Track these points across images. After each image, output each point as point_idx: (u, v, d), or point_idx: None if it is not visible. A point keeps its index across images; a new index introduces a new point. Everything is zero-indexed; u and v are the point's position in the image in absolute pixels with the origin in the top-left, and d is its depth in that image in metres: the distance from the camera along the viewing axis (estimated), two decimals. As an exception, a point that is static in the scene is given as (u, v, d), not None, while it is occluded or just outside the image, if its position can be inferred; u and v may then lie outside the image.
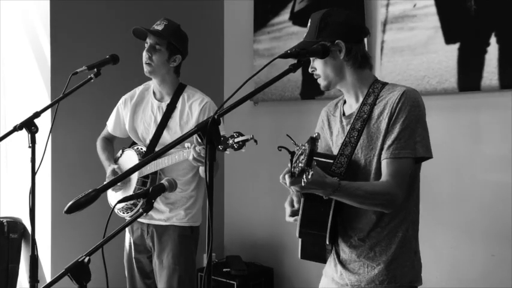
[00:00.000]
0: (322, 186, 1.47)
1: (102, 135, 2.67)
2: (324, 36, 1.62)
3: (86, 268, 1.28)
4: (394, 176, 1.54)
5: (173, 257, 2.40)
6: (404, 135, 1.56)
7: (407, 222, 1.64)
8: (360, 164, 1.63)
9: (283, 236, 3.61)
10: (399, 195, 1.55)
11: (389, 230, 1.63)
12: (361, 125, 1.63)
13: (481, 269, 2.73)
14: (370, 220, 1.63)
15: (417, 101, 1.59)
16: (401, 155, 1.55)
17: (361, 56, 1.66)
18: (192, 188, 2.46)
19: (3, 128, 3.45)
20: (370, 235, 1.64)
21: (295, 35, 3.46)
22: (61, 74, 2.96)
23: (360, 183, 1.58)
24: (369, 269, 1.64)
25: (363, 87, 1.68)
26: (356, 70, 1.67)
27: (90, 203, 1.19)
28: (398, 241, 1.63)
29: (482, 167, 2.73)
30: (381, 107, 1.62)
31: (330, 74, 1.67)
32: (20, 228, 3.22)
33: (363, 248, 1.65)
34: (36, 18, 3.20)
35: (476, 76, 2.67)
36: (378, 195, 1.54)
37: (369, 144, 1.62)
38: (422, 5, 2.86)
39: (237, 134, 1.85)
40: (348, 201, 1.55)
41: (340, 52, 1.63)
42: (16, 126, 1.98)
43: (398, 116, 1.57)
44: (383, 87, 1.66)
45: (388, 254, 1.63)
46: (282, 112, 3.65)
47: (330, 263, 1.76)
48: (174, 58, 2.40)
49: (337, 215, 1.62)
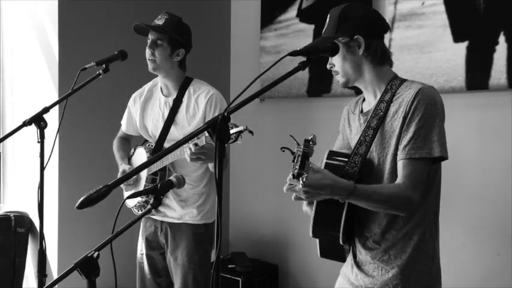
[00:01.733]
0: (331, 190, 1.43)
1: (118, 135, 2.68)
2: (343, 31, 1.58)
3: (95, 263, 1.29)
4: (410, 177, 1.49)
5: (188, 255, 2.39)
6: (420, 135, 1.50)
7: (423, 225, 1.59)
8: (374, 163, 1.59)
9: (289, 233, 3.62)
10: (415, 198, 1.50)
11: (405, 233, 1.58)
12: (376, 123, 1.59)
13: (487, 269, 2.73)
14: (381, 222, 1.59)
15: (434, 98, 1.53)
16: (417, 156, 1.50)
17: (380, 51, 1.61)
18: (203, 184, 2.44)
19: (11, 124, 3.46)
20: (384, 237, 1.59)
21: (303, 32, 3.45)
22: (69, 69, 2.98)
23: (376, 186, 1.53)
24: (383, 272, 1.60)
25: (381, 84, 1.63)
26: (375, 66, 1.62)
27: (101, 199, 1.20)
28: (414, 245, 1.57)
29: (490, 167, 2.72)
30: (396, 105, 1.57)
31: (348, 71, 1.62)
32: (27, 223, 3.24)
33: (378, 250, 1.61)
34: (45, 14, 3.21)
35: (484, 75, 2.66)
36: (394, 199, 1.50)
37: (382, 142, 1.58)
38: (431, 3, 2.85)
39: (232, 126, 1.82)
40: (363, 204, 1.51)
41: (359, 48, 1.59)
42: (25, 122, 1.99)
43: (414, 114, 1.51)
44: (401, 84, 1.60)
45: (403, 257, 1.58)
46: (288, 109, 3.65)
47: (348, 263, 1.73)
48: (177, 52, 2.38)
49: (353, 214, 1.58)
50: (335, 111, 2.03)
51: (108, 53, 2.28)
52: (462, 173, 2.81)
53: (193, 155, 2.08)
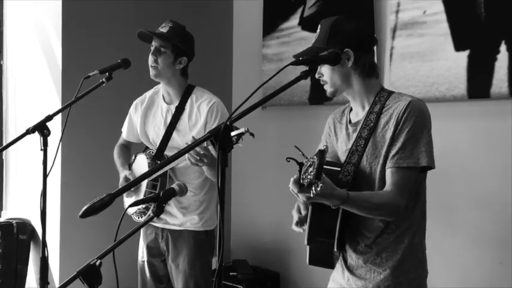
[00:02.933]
0: (330, 198, 1.49)
1: (118, 142, 2.69)
2: (334, 44, 1.63)
3: (98, 271, 1.29)
4: (397, 185, 1.58)
5: (189, 262, 2.40)
6: (409, 145, 1.58)
7: (413, 229, 1.67)
8: (366, 172, 1.66)
9: (290, 240, 3.61)
10: (402, 204, 1.59)
11: (396, 236, 1.65)
12: (367, 133, 1.66)
13: (489, 277, 2.72)
14: (377, 227, 1.66)
15: (422, 111, 1.62)
16: (405, 165, 1.58)
17: (369, 65, 1.68)
18: (204, 192, 2.46)
19: (14, 131, 3.48)
20: (376, 241, 1.66)
21: (304, 40, 3.47)
22: (72, 77, 2.99)
23: (367, 194, 1.60)
24: (375, 274, 1.66)
25: (369, 96, 1.70)
26: (363, 79, 1.68)
27: (105, 208, 1.20)
28: (405, 247, 1.65)
29: (491, 175, 2.72)
30: (387, 116, 1.64)
31: (336, 81, 1.68)
32: (28, 230, 3.24)
33: (370, 254, 1.67)
34: (48, 22, 3.23)
35: (485, 83, 2.67)
36: (383, 206, 1.58)
37: (373, 152, 1.64)
38: (432, 11, 2.86)
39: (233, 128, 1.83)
40: (354, 211, 1.58)
41: (348, 60, 1.65)
42: (29, 129, 1.99)
43: (403, 125, 1.59)
44: (389, 96, 1.68)
45: (394, 259, 1.65)
46: (290, 117, 3.65)
47: (338, 268, 1.78)
48: (180, 60, 2.40)
49: (345, 221, 1.64)
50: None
51: (112, 61, 2.29)
52: (463, 181, 2.81)
53: (197, 155, 2.08)
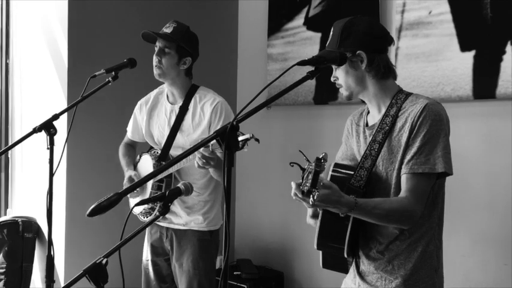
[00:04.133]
0: (335, 205, 1.45)
1: (123, 142, 2.70)
2: (346, 46, 1.60)
3: (104, 270, 1.30)
4: (413, 192, 1.52)
5: (193, 262, 2.40)
6: (425, 150, 1.52)
7: (427, 237, 1.61)
8: (381, 177, 1.60)
9: (294, 240, 3.61)
10: (417, 211, 1.53)
11: (409, 243, 1.60)
12: (382, 137, 1.60)
13: (494, 278, 2.72)
14: (391, 233, 1.61)
15: (439, 114, 1.55)
16: (421, 171, 1.52)
17: (383, 66, 1.62)
18: (208, 192, 2.46)
19: (20, 130, 3.49)
20: (388, 248, 1.61)
21: (309, 40, 3.47)
22: (78, 77, 3.01)
23: (377, 200, 1.54)
24: (386, 282, 1.61)
25: (386, 98, 1.65)
26: (379, 81, 1.63)
27: (112, 207, 1.21)
28: (418, 256, 1.59)
29: (496, 176, 2.72)
30: (402, 120, 1.58)
31: (351, 85, 1.64)
32: (34, 228, 3.26)
33: (382, 260, 1.62)
34: (54, 22, 3.25)
35: (491, 84, 2.66)
36: (396, 213, 1.52)
37: (389, 157, 1.59)
38: (438, 12, 2.86)
39: (238, 133, 1.84)
40: (365, 218, 1.53)
41: (361, 63, 1.61)
42: (35, 128, 2.00)
43: (419, 130, 1.53)
44: (406, 98, 1.62)
45: (407, 268, 1.59)
46: (294, 117, 3.66)
47: (350, 273, 1.73)
48: (184, 60, 2.40)
49: (358, 226, 1.59)
50: (341, 119, 2.04)
51: (118, 60, 2.30)
52: (468, 181, 2.80)
53: (204, 158, 2.08)
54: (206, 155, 2.07)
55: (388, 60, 1.66)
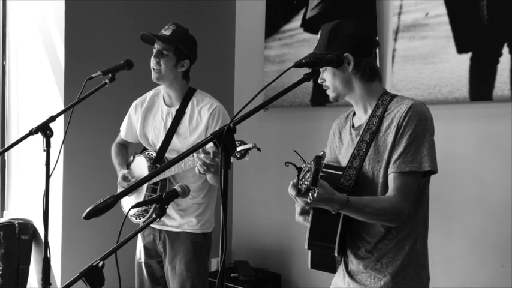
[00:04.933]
0: (329, 202, 1.48)
1: (116, 141, 2.68)
2: (333, 49, 1.63)
3: (100, 272, 1.30)
4: (400, 190, 1.56)
5: (186, 264, 2.40)
6: (411, 149, 1.56)
7: (414, 235, 1.65)
8: (368, 176, 1.64)
9: (291, 242, 3.61)
10: (405, 210, 1.56)
11: (397, 242, 1.63)
12: (369, 137, 1.64)
13: (491, 280, 2.72)
14: (378, 232, 1.64)
15: (425, 114, 1.59)
16: (408, 169, 1.55)
17: (369, 68, 1.66)
18: (203, 195, 2.45)
19: (16, 132, 3.48)
20: (377, 246, 1.65)
21: (307, 42, 3.47)
22: (74, 78, 3.00)
23: (367, 199, 1.58)
24: (375, 280, 1.64)
25: (372, 100, 1.69)
26: (365, 83, 1.67)
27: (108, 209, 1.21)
28: (405, 253, 1.63)
29: (493, 177, 2.72)
30: (389, 120, 1.62)
31: (338, 86, 1.68)
32: (30, 230, 3.25)
33: (370, 259, 1.66)
34: (51, 23, 3.24)
35: (488, 86, 2.67)
36: (386, 212, 1.55)
37: (376, 156, 1.63)
38: (435, 14, 2.86)
39: (240, 143, 1.84)
40: (355, 216, 1.56)
41: (348, 65, 1.64)
42: (32, 130, 2.00)
43: (405, 129, 1.57)
44: (392, 100, 1.66)
45: (395, 265, 1.63)
46: (292, 118, 3.66)
47: (339, 273, 1.76)
48: (182, 63, 2.39)
49: (346, 226, 1.62)
50: (339, 121, 2.04)
51: (114, 62, 2.30)
52: (465, 183, 2.81)
53: (205, 165, 2.08)
54: (207, 162, 2.07)
55: (374, 63, 1.70)
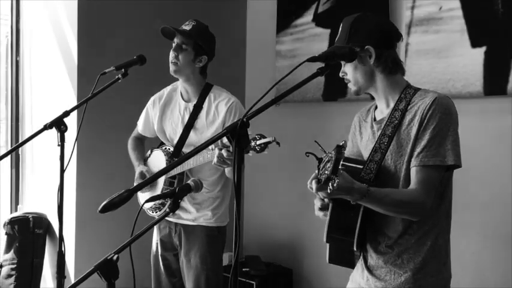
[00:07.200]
0: (349, 192, 1.46)
1: (133, 135, 2.71)
2: (354, 42, 1.62)
3: (115, 266, 1.31)
4: (423, 184, 1.53)
5: (200, 257, 2.42)
6: (434, 143, 1.54)
7: (436, 230, 1.62)
8: (390, 170, 1.62)
9: (303, 237, 3.61)
10: (427, 204, 1.54)
11: (418, 237, 1.61)
12: (391, 131, 1.62)
13: (504, 274, 2.70)
14: (398, 227, 1.62)
15: (449, 108, 1.57)
16: (431, 163, 1.53)
17: (391, 61, 1.64)
18: (218, 189, 2.47)
19: (30, 127, 3.52)
20: (398, 242, 1.62)
21: (318, 37, 3.46)
22: (88, 74, 3.02)
23: (389, 190, 1.56)
24: (395, 276, 1.62)
25: (394, 93, 1.67)
26: (387, 76, 1.66)
27: (123, 203, 1.22)
28: (427, 250, 1.61)
29: (508, 172, 2.70)
30: (412, 113, 1.60)
31: (360, 80, 1.66)
32: (45, 224, 3.28)
33: (391, 254, 1.64)
34: (64, 19, 3.26)
35: (502, 80, 2.64)
36: (406, 204, 1.54)
37: (398, 150, 1.61)
38: (448, 7, 2.84)
39: (259, 136, 1.84)
40: (375, 207, 1.54)
41: (370, 58, 1.63)
42: (46, 125, 2.02)
43: (428, 122, 1.55)
44: (415, 93, 1.64)
45: (416, 262, 1.61)
46: (303, 113, 3.65)
47: (358, 268, 1.74)
48: (200, 58, 2.41)
49: (367, 220, 1.60)
50: (350, 116, 2.03)
51: (127, 57, 2.31)
52: (479, 178, 2.79)
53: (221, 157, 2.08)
54: (225, 156, 2.07)
55: (396, 56, 1.68)
